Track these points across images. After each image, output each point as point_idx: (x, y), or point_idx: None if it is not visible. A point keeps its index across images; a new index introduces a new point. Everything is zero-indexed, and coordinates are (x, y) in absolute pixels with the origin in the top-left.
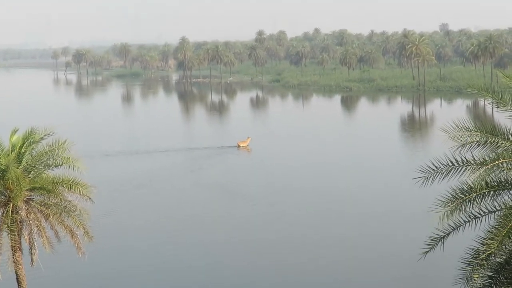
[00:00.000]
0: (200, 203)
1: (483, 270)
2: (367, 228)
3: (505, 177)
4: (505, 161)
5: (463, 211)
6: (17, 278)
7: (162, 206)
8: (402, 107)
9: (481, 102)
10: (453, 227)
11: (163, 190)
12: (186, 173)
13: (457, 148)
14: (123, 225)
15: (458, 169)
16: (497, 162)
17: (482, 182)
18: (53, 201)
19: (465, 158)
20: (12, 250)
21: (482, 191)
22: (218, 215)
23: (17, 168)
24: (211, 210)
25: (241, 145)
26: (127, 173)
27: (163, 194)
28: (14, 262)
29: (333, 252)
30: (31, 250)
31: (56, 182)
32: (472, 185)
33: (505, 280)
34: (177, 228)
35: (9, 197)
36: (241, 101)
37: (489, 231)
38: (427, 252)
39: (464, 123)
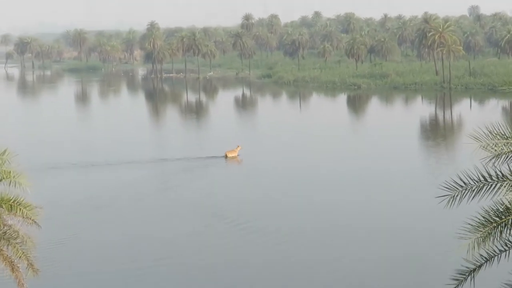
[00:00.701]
0: (177, 228)
1: None
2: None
3: None
4: None
5: (498, 238)
6: None
7: (129, 232)
8: (422, 109)
9: None
10: (485, 257)
11: (130, 212)
12: (159, 190)
13: (490, 160)
14: (78, 257)
15: (491, 185)
16: None
17: None
18: None
19: (501, 172)
20: None
21: None
22: (198, 242)
23: None
24: (190, 238)
25: (230, 155)
26: (82, 191)
27: (129, 217)
28: None
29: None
30: None
31: None
32: (509, 206)
33: None
34: (147, 260)
35: None
36: (224, 101)
37: None
38: None
39: (499, 129)
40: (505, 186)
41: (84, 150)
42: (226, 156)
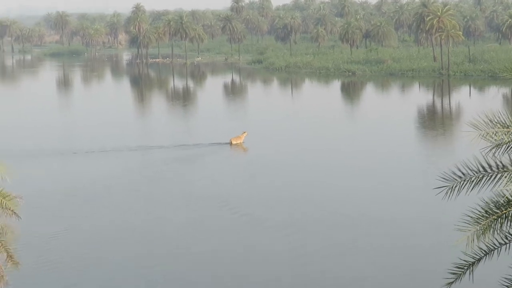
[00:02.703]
0: (177, 228)
1: None
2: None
3: None
4: None
5: (498, 231)
6: None
7: (122, 227)
8: (420, 96)
9: None
10: (485, 251)
11: (122, 204)
12: (153, 179)
13: (491, 150)
14: (62, 249)
15: (491, 176)
16: None
17: None
18: None
19: (501, 162)
20: None
21: None
22: (202, 246)
23: None
24: (193, 238)
25: (234, 142)
26: (66, 180)
27: (123, 210)
28: None
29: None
30: None
31: None
32: (510, 197)
33: None
34: (144, 260)
35: None
36: (212, 88)
37: None
38: (452, 283)
39: (499, 117)
40: (505, 177)
41: (65, 137)
42: (231, 143)
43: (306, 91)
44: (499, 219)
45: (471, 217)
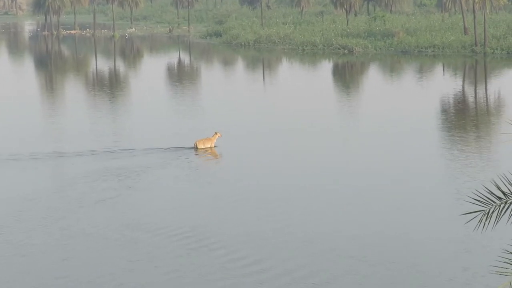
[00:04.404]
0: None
1: None
2: None
3: None
4: None
5: None
6: None
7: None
8: (445, 83)
9: None
10: None
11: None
12: (75, 203)
13: None
14: None
15: None
16: None
17: None
18: None
19: None
20: None
21: None
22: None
23: None
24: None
25: (202, 145)
26: None
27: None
28: None
29: None
30: None
31: None
32: None
33: None
34: None
35: None
36: (152, 71)
37: None
38: None
39: None
40: None
41: None
42: (196, 147)
43: (285, 77)
44: None
45: None
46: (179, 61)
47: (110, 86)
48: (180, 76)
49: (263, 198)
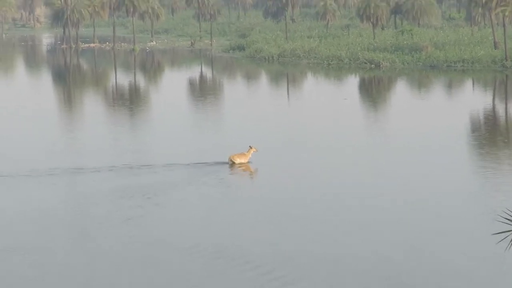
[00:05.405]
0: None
1: None
2: None
3: None
4: None
5: None
6: None
7: None
8: (474, 99)
9: None
10: None
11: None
12: (101, 221)
13: None
14: None
15: None
16: None
17: None
18: None
19: None
20: None
21: None
22: None
23: None
24: None
25: (238, 160)
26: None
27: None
28: None
29: None
30: None
31: None
32: None
33: None
34: None
35: None
36: (173, 86)
37: None
38: None
39: None
40: None
41: None
42: (232, 163)
43: (310, 92)
44: None
45: None
46: (201, 76)
47: (130, 100)
48: (202, 91)
49: (295, 215)
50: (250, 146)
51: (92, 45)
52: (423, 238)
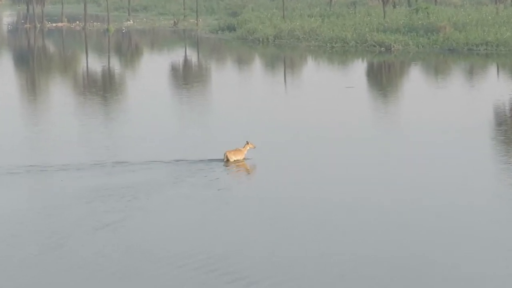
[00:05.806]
0: None
1: None
2: None
3: None
4: None
5: None
6: None
7: None
8: (500, 88)
9: None
10: None
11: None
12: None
13: None
14: None
15: None
16: None
17: None
18: None
19: None
20: None
21: None
22: None
23: None
24: None
25: (233, 157)
26: None
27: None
28: None
29: None
30: None
31: None
32: None
33: None
34: None
35: None
36: (154, 71)
37: None
38: None
39: None
40: None
41: None
42: (227, 159)
43: (311, 79)
44: None
45: None
46: (186, 60)
47: (104, 89)
48: (187, 78)
49: (296, 219)
50: (246, 142)
51: (60, 24)
52: (441, 241)
